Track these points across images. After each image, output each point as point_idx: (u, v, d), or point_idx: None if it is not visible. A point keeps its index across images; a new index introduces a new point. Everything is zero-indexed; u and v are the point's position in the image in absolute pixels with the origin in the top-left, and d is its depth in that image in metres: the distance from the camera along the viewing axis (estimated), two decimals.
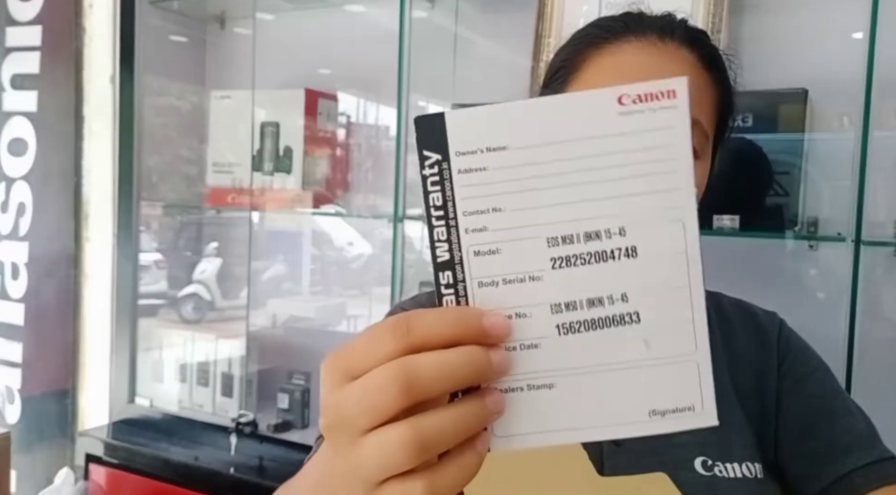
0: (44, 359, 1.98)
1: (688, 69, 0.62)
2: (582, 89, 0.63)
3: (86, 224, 1.97)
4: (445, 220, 0.34)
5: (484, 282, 0.34)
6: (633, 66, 0.62)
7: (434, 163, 0.34)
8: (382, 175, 1.75)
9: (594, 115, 0.33)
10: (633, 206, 0.33)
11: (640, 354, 0.34)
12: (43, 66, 1.95)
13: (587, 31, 0.67)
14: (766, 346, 0.70)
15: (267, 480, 1.48)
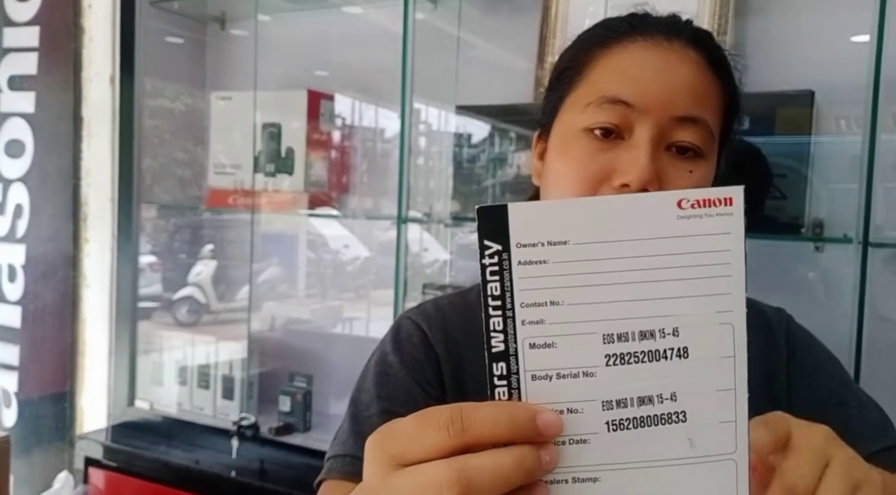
0: (41, 362, 1.97)
1: (694, 68, 0.62)
2: (587, 89, 0.64)
3: (84, 225, 1.95)
4: (502, 311, 0.35)
5: (538, 375, 0.35)
6: (639, 65, 0.62)
7: (494, 253, 0.35)
8: (382, 178, 1.74)
9: (654, 216, 0.34)
10: (687, 308, 0.34)
11: (684, 452, 0.34)
12: (41, 67, 1.94)
13: (593, 32, 0.67)
14: (774, 345, 0.70)
15: (268, 483, 1.47)
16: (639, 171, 0.59)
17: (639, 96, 0.61)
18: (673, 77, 0.61)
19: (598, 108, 0.62)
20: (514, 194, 1.53)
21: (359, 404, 0.67)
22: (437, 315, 0.71)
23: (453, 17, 1.58)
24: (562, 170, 0.64)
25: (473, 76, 1.57)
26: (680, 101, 0.61)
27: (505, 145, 1.54)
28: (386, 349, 0.70)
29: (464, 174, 1.57)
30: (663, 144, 0.61)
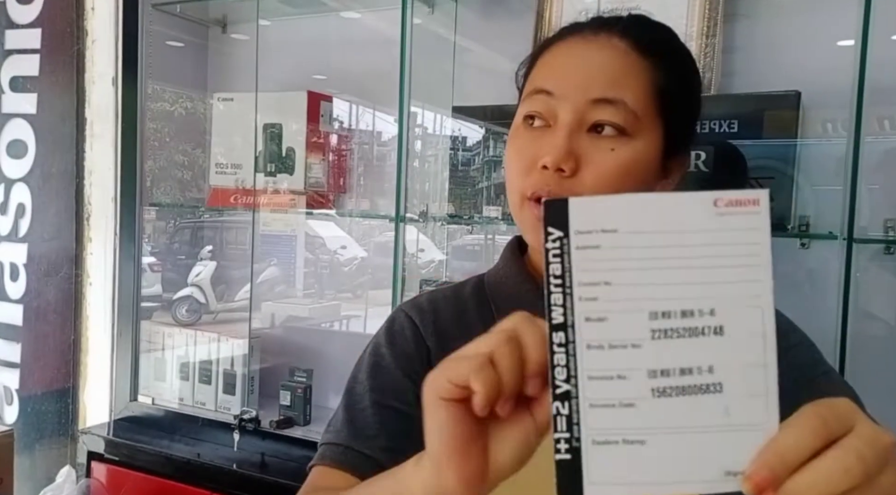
0: (42, 360, 1.98)
1: (612, 53, 0.66)
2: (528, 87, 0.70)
3: (87, 225, 1.97)
4: (562, 288, 0.39)
5: (592, 345, 0.39)
6: (562, 58, 0.68)
7: (556, 239, 0.39)
8: (378, 179, 1.77)
9: (694, 212, 0.39)
10: (722, 291, 0.39)
11: (721, 420, 0.39)
12: (43, 69, 1.96)
13: (546, 40, 0.73)
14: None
15: (269, 476, 1.49)
16: (553, 152, 0.64)
17: (558, 84, 0.66)
18: (590, 64, 0.66)
19: (528, 99, 0.68)
20: None
21: (353, 394, 0.70)
22: (430, 308, 0.74)
23: (450, 21, 1.61)
24: (508, 160, 0.70)
25: (469, 80, 1.59)
26: (595, 85, 0.65)
27: (499, 148, 1.57)
28: (380, 340, 0.73)
29: (459, 176, 1.59)
30: (585, 127, 0.65)
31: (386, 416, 0.67)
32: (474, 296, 0.76)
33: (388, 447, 0.65)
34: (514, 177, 0.68)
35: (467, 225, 1.58)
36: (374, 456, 0.65)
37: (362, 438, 0.66)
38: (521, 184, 0.67)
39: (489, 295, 0.75)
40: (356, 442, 0.66)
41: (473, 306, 0.74)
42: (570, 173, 0.64)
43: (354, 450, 0.65)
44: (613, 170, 0.65)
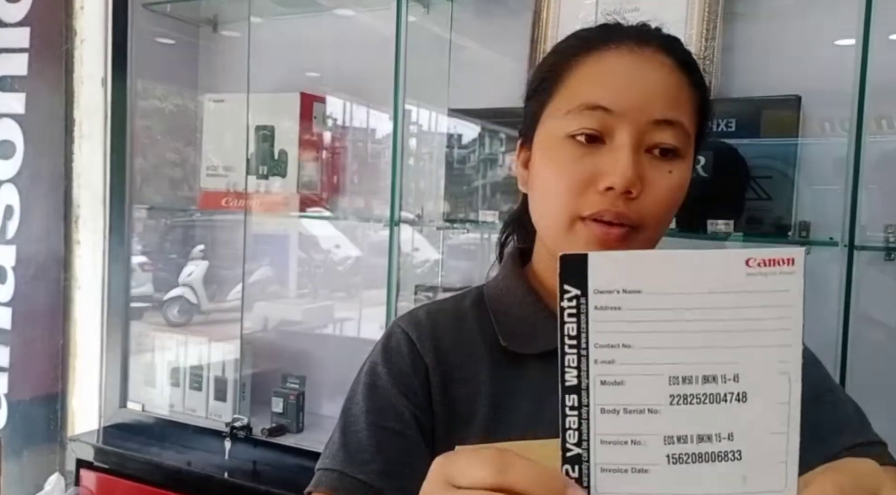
0: (32, 364, 1.96)
1: (666, 72, 0.64)
2: (567, 97, 0.66)
3: (76, 227, 1.95)
4: (577, 350, 0.38)
5: (606, 409, 0.38)
6: (614, 71, 0.65)
7: (573, 297, 0.37)
8: (373, 179, 1.75)
9: (725, 272, 0.37)
10: (749, 357, 0.37)
11: (737, 488, 0.37)
12: (31, 68, 1.93)
13: (568, 43, 0.70)
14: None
15: (261, 485, 1.47)
16: (622, 173, 0.61)
17: (616, 101, 0.63)
18: (647, 81, 0.64)
19: (578, 114, 0.64)
20: (505, 195, 1.54)
21: (349, 416, 0.69)
22: (427, 322, 0.72)
23: (445, 20, 1.59)
24: (549, 177, 0.66)
25: (465, 79, 1.57)
26: (656, 105, 0.63)
27: (496, 147, 1.55)
28: (376, 359, 0.71)
29: (455, 175, 1.58)
30: (643, 147, 0.63)
31: (382, 438, 0.66)
32: (474, 308, 0.74)
33: (384, 471, 0.64)
34: (561, 196, 0.65)
35: (463, 228, 1.56)
36: (369, 482, 0.64)
37: (357, 463, 0.65)
38: (572, 204, 0.64)
39: (490, 307, 0.73)
40: (351, 468, 0.65)
41: (473, 320, 0.73)
42: (636, 195, 0.62)
43: (349, 477, 0.64)
44: (671, 192, 0.64)
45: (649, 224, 0.64)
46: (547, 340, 0.67)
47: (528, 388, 0.67)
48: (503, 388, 0.67)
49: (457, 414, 0.67)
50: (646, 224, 0.64)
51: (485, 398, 0.67)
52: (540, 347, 0.68)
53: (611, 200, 0.62)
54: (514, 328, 0.70)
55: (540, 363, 0.68)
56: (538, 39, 1.46)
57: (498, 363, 0.69)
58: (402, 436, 0.66)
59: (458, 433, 0.66)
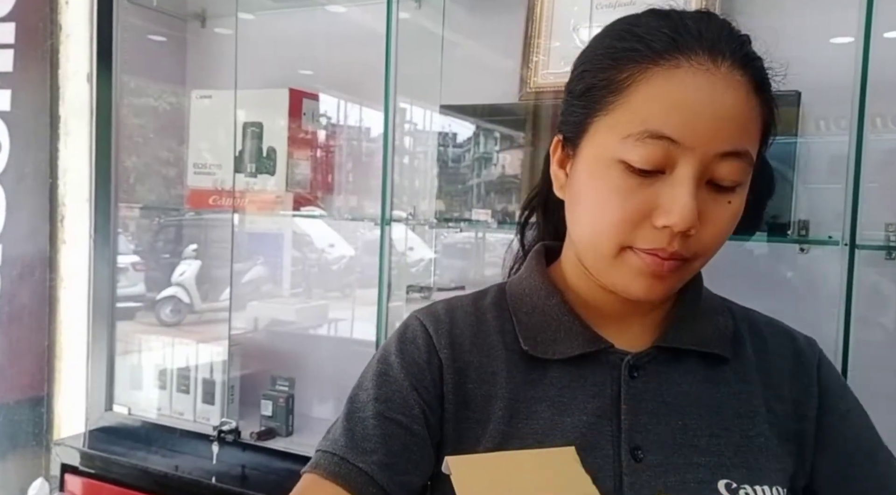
0: (17, 365, 1.93)
1: (740, 96, 0.58)
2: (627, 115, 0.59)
3: (61, 226, 1.92)
4: None
5: None
6: (685, 96, 0.57)
7: None
8: (366, 177, 1.73)
9: None
10: None
11: None
12: (17, 64, 1.91)
13: (627, 44, 0.61)
14: (804, 373, 0.70)
15: (250, 489, 1.45)
16: (683, 214, 0.57)
17: (685, 132, 0.57)
18: (720, 109, 0.57)
19: (639, 141, 0.58)
20: (499, 194, 1.52)
21: (356, 402, 0.67)
22: (446, 317, 0.70)
23: (438, 15, 1.57)
24: (597, 202, 0.61)
25: (458, 76, 1.55)
26: (725, 136, 0.57)
27: (490, 145, 1.54)
28: (390, 348, 0.69)
29: (449, 174, 1.56)
30: (704, 180, 0.59)
31: (388, 430, 0.64)
32: (494, 307, 0.71)
33: (385, 463, 0.63)
34: (611, 226, 0.60)
35: (456, 227, 1.54)
36: (370, 473, 0.62)
37: (359, 451, 0.63)
38: (623, 235, 0.60)
39: (511, 306, 0.71)
40: (352, 455, 0.63)
41: (492, 319, 0.70)
42: (694, 233, 0.59)
43: (349, 463, 0.63)
44: (729, 223, 0.61)
45: (703, 256, 0.62)
46: (570, 346, 0.66)
47: (547, 394, 0.65)
48: (521, 393, 0.66)
49: (470, 413, 0.66)
50: (699, 256, 0.61)
51: (501, 401, 0.65)
52: (562, 353, 0.66)
53: (667, 239, 0.58)
54: (535, 332, 0.68)
55: (562, 368, 0.66)
56: (531, 35, 1.43)
57: (517, 366, 0.67)
58: (408, 431, 0.64)
59: (470, 433, 0.65)
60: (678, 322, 0.68)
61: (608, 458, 0.62)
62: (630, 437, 0.63)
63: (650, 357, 0.66)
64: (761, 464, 0.64)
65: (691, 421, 0.64)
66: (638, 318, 0.69)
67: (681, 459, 0.63)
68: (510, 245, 0.85)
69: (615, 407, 0.64)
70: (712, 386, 0.67)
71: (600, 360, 0.66)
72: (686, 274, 0.62)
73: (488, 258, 1.63)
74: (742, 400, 0.67)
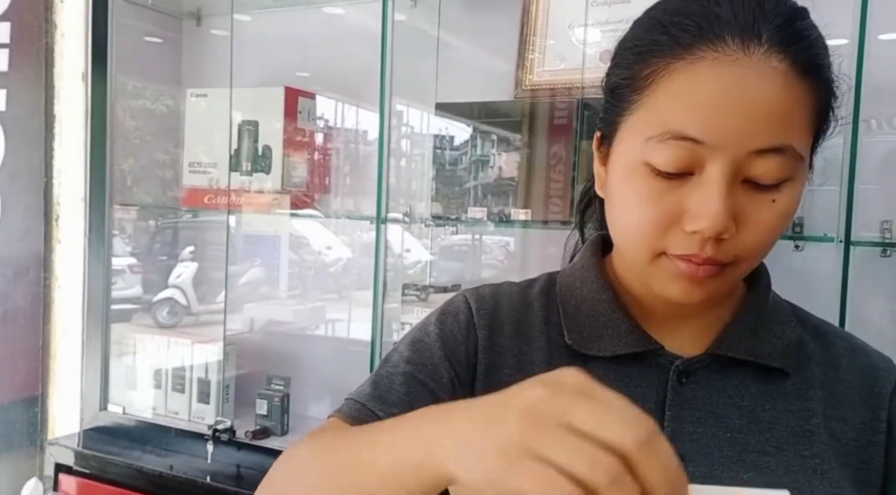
0: (11, 365, 1.92)
1: (777, 85, 0.53)
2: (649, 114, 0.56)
3: (56, 226, 1.92)
4: None
5: None
6: (709, 92, 0.53)
7: None
8: (362, 177, 1.73)
9: None
10: None
11: None
12: (12, 64, 1.90)
13: (653, 38, 0.57)
14: (877, 395, 0.65)
15: (244, 489, 1.44)
16: (712, 217, 0.53)
17: (710, 132, 0.53)
18: (751, 104, 0.52)
19: (662, 143, 0.54)
20: (496, 195, 1.52)
21: (388, 361, 0.67)
22: (492, 300, 0.69)
23: (433, 16, 1.57)
24: (626, 204, 0.59)
25: (454, 75, 1.55)
26: (759, 132, 0.53)
27: (486, 147, 1.54)
28: (431, 318, 0.69)
29: (445, 175, 1.56)
30: (740, 178, 0.54)
31: (414, 389, 0.63)
32: (541, 296, 0.70)
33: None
34: (642, 230, 0.57)
35: (452, 226, 1.54)
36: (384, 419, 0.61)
37: (382, 402, 0.63)
38: (655, 241, 0.57)
39: (559, 296, 0.69)
40: (373, 403, 0.63)
41: (539, 308, 0.69)
42: (729, 237, 0.54)
43: (368, 409, 0.62)
44: (775, 224, 0.56)
45: (746, 259, 0.57)
46: (616, 344, 0.63)
47: None
48: None
49: None
50: (742, 259, 0.57)
51: None
52: (608, 350, 0.63)
53: (699, 244, 0.54)
54: (582, 326, 0.65)
55: (606, 367, 0.63)
56: (527, 35, 1.44)
57: (558, 360, 0.64)
58: (434, 395, 0.63)
59: None
60: (737, 329, 0.64)
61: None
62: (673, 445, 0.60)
63: (702, 364, 0.63)
64: (814, 488, 0.59)
65: (740, 436, 0.61)
66: (692, 321, 0.65)
67: (726, 474, 0.59)
68: (571, 232, 0.82)
69: (659, 413, 0.60)
70: (768, 400, 0.62)
71: (648, 362, 0.63)
72: (731, 277, 0.58)
73: (485, 260, 1.63)
74: (800, 417, 0.62)
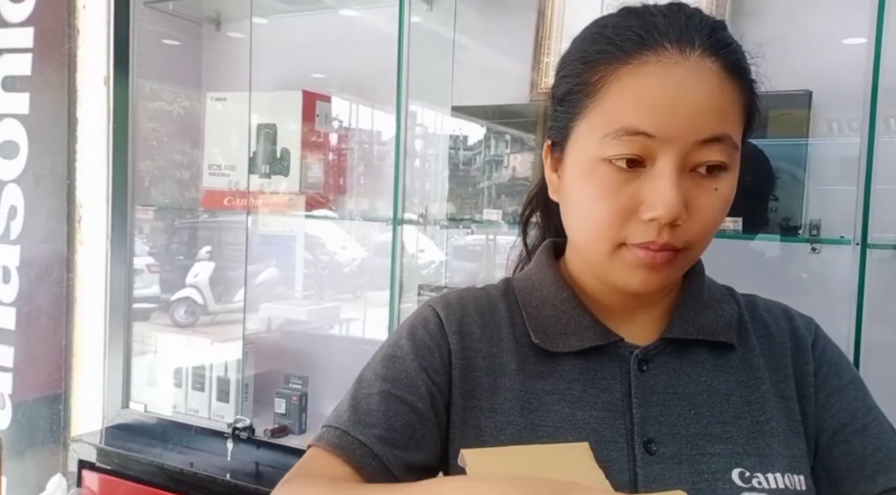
0: (35, 364, 1.96)
1: (713, 83, 0.59)
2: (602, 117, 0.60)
3: (79, 227, 1.94)
4: None
5: None
6: (656, 92, 0.59)
7: None
8: (377, 178, 1.74)
9: None
10: None
11: None
12: (35, 68, 1.93)
13: (599, 47, 0.62)
14: (802, 352, 0.70)
15: (263, 486, 1.46)
16: (666, 204, 0.58)
17: (659, 126, 0.58)
18: (693, 100, 0.58)
19: (616, 140, 0.59)
20: (510, 196, 1.53)
21: (362, 381, 0.68)
22: (458, 306, 0.71)
23: (449, 18, 1.58)
24: (585, 202, 0.63)
25: (469, 78, 1.56)
26: (702, 124, 0.58)
27: (500, 147, 1.54)
28: (401, 332, 0.71)
29: (459, 176, 1.57)
30: (687, 168, 0.60)
31: (392, 407, 0.65)
32: (504, 299, 0.72)
33: (385, 437, 0.63)
34: (602, 224, 0.61)
35: (466, 228, 1.55)
36: (368, 445, 0.63)
37: (361, 425, 0.64)
38: (614, 232, 0.61)
39: (520, 299, 0.71)
40: (353, 428, 0.64)
41: (504, 310, 0.71)
42: (682, 223, 0.59)
43: (350, 436, 0.63)
44: (719, 210, 0.61)
45: (697, 244, 0.62)
46: (581, 338, 0.67)
47: (557, 387, 0.66)
48: (531, 386, 0.66)
49: (475, 402, 0.66)
50: (693, 245, 0.62)
51: (510, 392, 0.66)
52: (574, 345, 0.67)
53: (655, 231, 0.59)
54: (547, 325, 0.68)
55: (573, 362, 0.66)
56: (542, 37, 1.44)
57: (526, 358, 0.67)
58: (413, 408, 0.65)
59: (475, 421, 0.65)
60: (683, 313, 0.68)
61: (622, 452, 0.62)
62: (643, 430, 0.63)
63: (658, 349, 0.67)
64: (773, 450, 0.64)
65: (703, 410, 0.65)
66: (644, 312, 0.69)
67: (694, 450, 0.63)
68: (514, 244, 0.85)
69: (626, 401, 0.64)
70: (721, 374, 0.67)
71: (610, 354, 0.66)
72: (681, 264, 0.63)
73: (499, 260, 1.64)
74: (751, 386, 0.67)
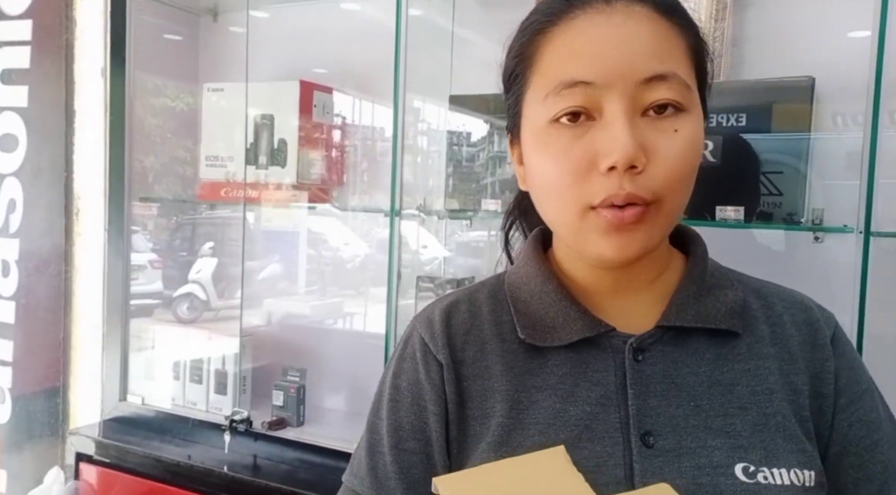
0: (34, 357, 1.95)
1: (644, 22, 0.58)
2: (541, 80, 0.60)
3: (77, 219, 1.94)
4: None
5: None
6: (586, 40, 0.58)
7: None
8: (378, 172, 1.73)
9: None
10: None
11: None
12: (33, 61, 1.93)
13: (530, 20, 0.63)
14: (820, 346, 0.65)
15: (261, 478, 1.45)
16: (620, 148, 0.55)
17: (596, 72, 0.57)
18: (625, 39, 0.57)
19: (557, 96, 0.58)
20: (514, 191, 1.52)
21: (375, 433, 0.69)
22: (440, 318, 0.69)
23: (448, 10, 1.57)
24: (544, 168, 0.60)
25: (468, 71, 1.55)
26: (640, 63, 0.57)
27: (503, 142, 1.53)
28: (397, 370, 0.70)
29: (462, 172, 1.56)
30: (639, 111, 0.57)
31: (405, 461, 0.66)
32: (490, 299, 0.70)
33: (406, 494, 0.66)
34: (563, 188, 0.59)
35: (465, 219, 1.54)
36: None
37: (383, 489, 0.66)
38: (577, 194, 0.58)
39: (509, 297, 0.69)
40: (378, 493, 0.67)
41: (488, 312, 0.69)
42: (641, 168, 0.56)
43: None
44: (683, 153, 0.58)
45: (666, 195, 0.58)
46: (569, 331, 0.64)
47: (548, 383, 0.63)
48: (520, 383, 0.64)
49: (468, 411, 0.65)
50: (663, 197, 0.58)
51: (500, 394, 0.63)
52: (562, 339, 0.64)
53: (617, 182, 0.56)
54: (534, 319, 0.66)
55: (563, 356, 0.64)
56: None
57: (514, 356, 0.65)
58: (425, 456, 0.66)
59: (471, 430, 0.64)
60: (681, 299, 0.64)
61: (617, 446, 0.59)
62: (640, 422, 0.60)
63: (654, 338, 0.63)
64: (779, 445, 0.60)
65: (704, 402, 0.61)
66: (638, 297, 0.66)
67: (695, 443, 0.60)
68: (498, 259, 0.84)
69: (621, 393, 0.61)
70: (724, 363, 0.63)
71: (602, 346, 0.63)
72: (655, 221, 0.59)
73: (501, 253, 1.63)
74: (758, 376, 0.63)
